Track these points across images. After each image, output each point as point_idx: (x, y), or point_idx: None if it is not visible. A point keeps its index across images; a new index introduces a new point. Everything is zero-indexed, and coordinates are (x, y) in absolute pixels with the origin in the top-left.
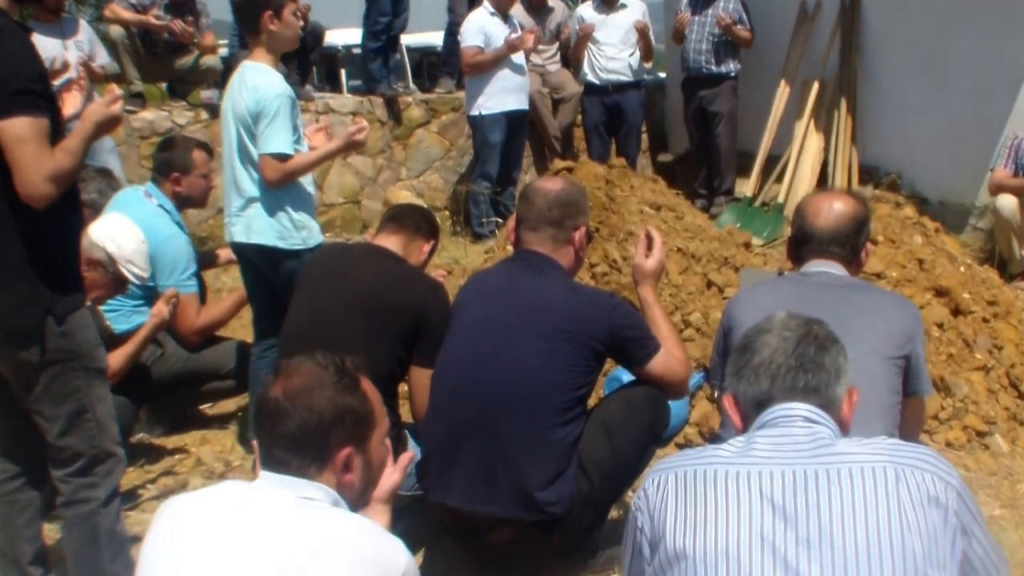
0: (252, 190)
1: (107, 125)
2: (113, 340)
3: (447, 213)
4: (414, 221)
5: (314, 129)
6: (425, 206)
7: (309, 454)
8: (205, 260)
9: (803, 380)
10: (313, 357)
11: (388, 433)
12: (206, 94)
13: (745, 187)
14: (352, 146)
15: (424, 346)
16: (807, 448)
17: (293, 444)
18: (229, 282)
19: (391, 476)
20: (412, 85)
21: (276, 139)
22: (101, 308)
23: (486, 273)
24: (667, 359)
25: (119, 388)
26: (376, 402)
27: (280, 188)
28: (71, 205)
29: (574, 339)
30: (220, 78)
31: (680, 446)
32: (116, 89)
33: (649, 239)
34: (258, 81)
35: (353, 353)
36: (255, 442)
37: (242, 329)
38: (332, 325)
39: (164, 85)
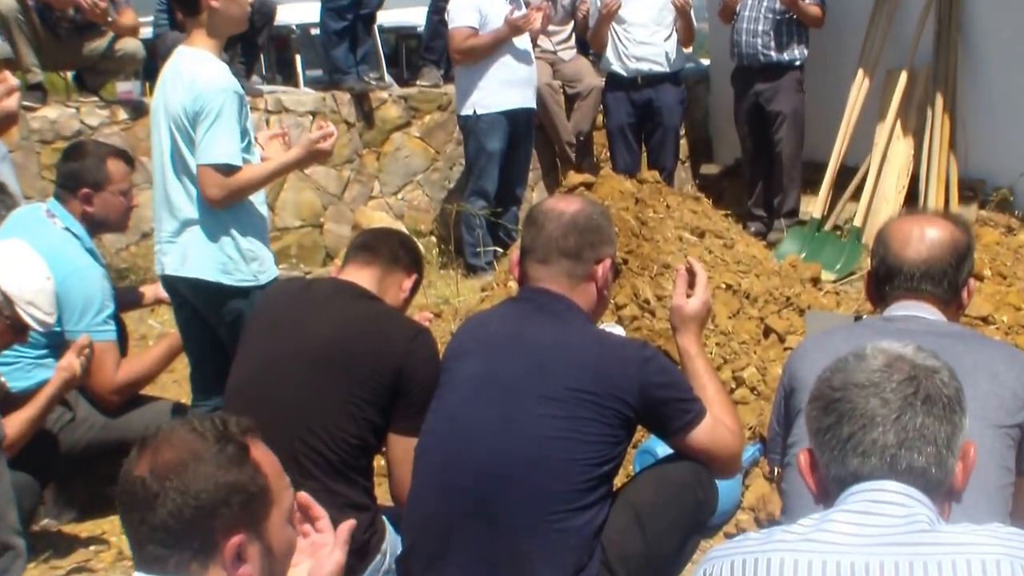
0: (189, 210)
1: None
2: (9, 401)
3: (433, 240)
4: (391, 250)
5: (269, 136)
6: (405, 231)
7: (189, 547)
8: (126, 298)
9: (905, 461)
10: (187, 421)
11: (338, 518)
12: (123, 87)
13: (812, 207)
14: (315, 156)
15: (406, 409)
16: (901, 534)
17: (168, 537)
18: (157, 326)
19: (331, 556)
20: (387, 77)
21: (219, 146)
22: None
23: (484, 317)
24: (714, 427)
25: (18, 462)
26: (273, 474)
27: (224, 208)
28: None
29: (597, 402)
30: (142, 67)
31: (729, 536)
32: (10, 78)
33: (691, 274)
34: (197, 72)
35: (316, 418)
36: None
37: (175, 386)
38: (288, 383)
39: (70, 75)
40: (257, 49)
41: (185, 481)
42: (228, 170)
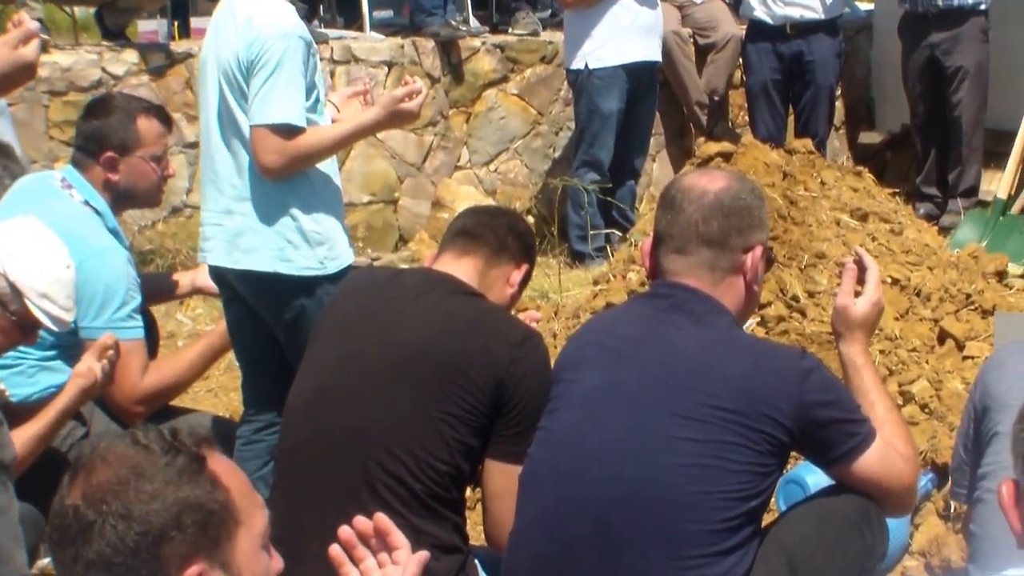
0: (240, 184)
1: (13, 77)
2: (10, 413)
3: (531, 220)
4: (497, 236)
5: (348, 94)
6: (509, 209)
7: None
8: (156, 288)
9: None
10: (128, 434)
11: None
12: (147, 27)
13: (996, 185)
14: (398, 118)
15: (508, 431)
16: None
17: (107, 573)
18: (188, 323)
19: None
20: (473, 21)
21: (279, 104)
22: None
23: (608, 318)
24: (885, 454)
25: (18, 488)
26: (238, 489)
27: (285, 180)
28: None
29: (744, 423)
30: (169, 3)
31: None
32: (28, 21)
33: (860, 268)
34: (255, 12)
35: (399, 439)
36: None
37: (209, 397)
38: (365, 395)
39: (92, 11)
40: None
41: (126, 503)
42: (289, 132)
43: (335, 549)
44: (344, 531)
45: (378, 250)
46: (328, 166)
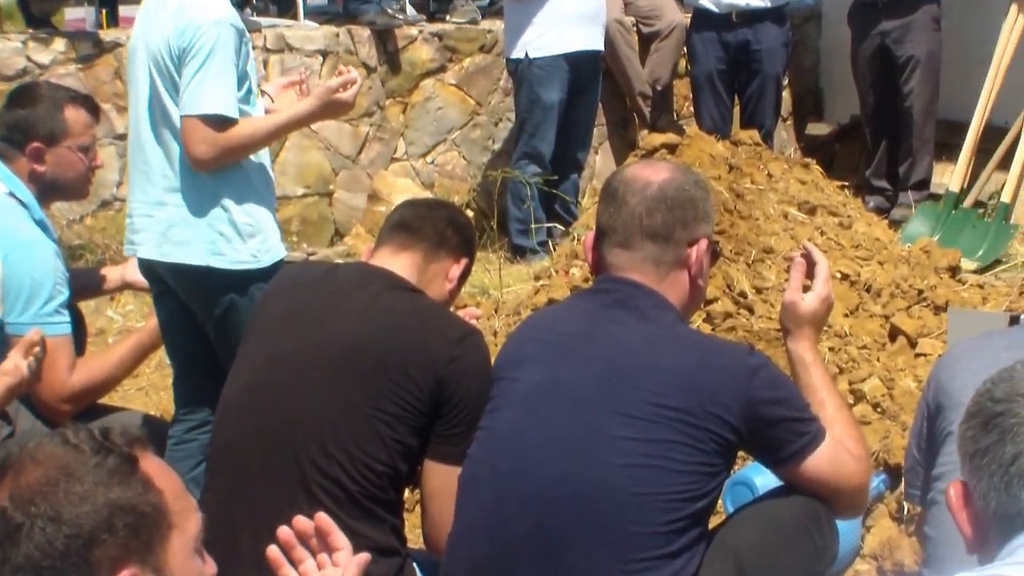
0: (170, 175)
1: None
2: None
3: (471, 214)
4: (436, 229)
5: (283, 84)
6: (448, 203)
7: None
8: (84, 283)
9: None
10: (58, 433)
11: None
12: (74, 15)
13: (948, 177)
14: (333, 109)
15: (448, 430)
16: None
17: (36, 575)
18: (118, 319)
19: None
20: (411, 10)
21: (211, 94)
22: None
23: (549, 314)
24: (835, 453)
25: None
26: (171, 492)
27: (218, 172)
28: None
29: (690, 421)
30: None
31: None
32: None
33: (808, 262)
34: (187, 1)
35: (334, 438)
36: None
37: (139, 395)
38: (300, 392)
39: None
40: None
41: (55, 505)
42: (221, 123)
43: (273, 550)
44: (283, 531)
45: (313, 244)
46: (262, 156)
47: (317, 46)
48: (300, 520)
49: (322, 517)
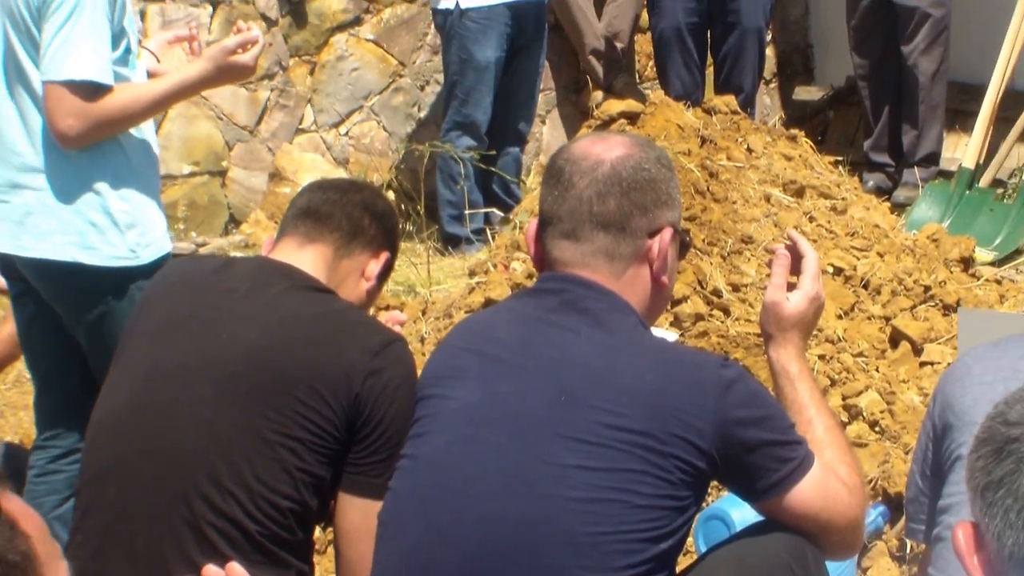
0: (30, 154)
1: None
2: None
3: (392, 197)
4: (350, 217)
5: (168, 39)
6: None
7: None
8: None
9: None
10: None
11: None
12: None
13: (961, 151)
14: (229, 74)
15: (366, 458)
16: None
17: None
18: None
19: None
20: None
21: (78, 56)
22: None
23: (485, 320)
24: (826, 482)
25: None
26: (38, 537)
27: (89, 149)
28: None
29: (652, 447)
30: None
31: None
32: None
33: (793, 255)
34: None
35: (229, 468)
36: None
37: (10, 417)
38: (187, 413)
39: None
40: None
41: None
42: (92, 91)
43: None
44: None
45: (203, 234)
46: (145, 130)
47: None
48: (211, 570)
49: (233, 566)
